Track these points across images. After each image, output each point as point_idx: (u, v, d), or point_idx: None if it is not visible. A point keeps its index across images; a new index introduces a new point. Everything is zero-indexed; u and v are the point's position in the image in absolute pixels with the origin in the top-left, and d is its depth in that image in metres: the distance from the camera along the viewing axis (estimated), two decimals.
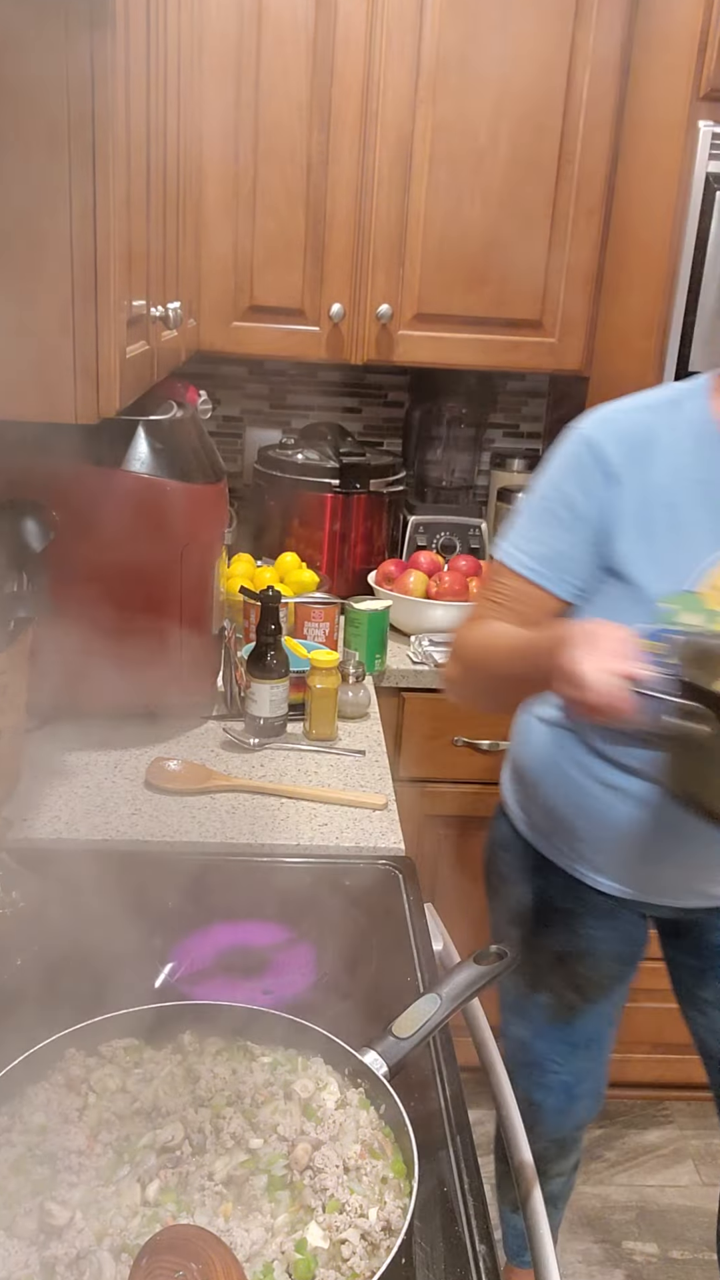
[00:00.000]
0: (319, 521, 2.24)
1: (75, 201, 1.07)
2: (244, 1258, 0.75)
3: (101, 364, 1.13)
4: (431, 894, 2.20)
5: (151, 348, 1.41)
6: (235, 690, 1.74)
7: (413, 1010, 0.95)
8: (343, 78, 2.02)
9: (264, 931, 1.23)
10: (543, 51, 2.02)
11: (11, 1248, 0.75)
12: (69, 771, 1.57)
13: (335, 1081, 0.91)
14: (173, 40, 1.51)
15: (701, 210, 1.80)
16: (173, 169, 1.58)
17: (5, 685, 1.37)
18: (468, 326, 2.19)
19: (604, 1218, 2.12)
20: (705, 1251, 2.06)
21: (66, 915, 1.20)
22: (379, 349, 2.18)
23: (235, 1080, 0.91)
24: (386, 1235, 0.78)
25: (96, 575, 1.55)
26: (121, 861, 1.34)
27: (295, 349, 2.18)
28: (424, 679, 2.06)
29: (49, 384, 1.13)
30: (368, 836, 1.45)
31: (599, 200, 2.12)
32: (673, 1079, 2.34)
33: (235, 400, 2.57)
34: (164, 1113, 0.87)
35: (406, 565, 2.21)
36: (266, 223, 2.10)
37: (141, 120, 1.26)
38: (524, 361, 2.22)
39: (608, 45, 2.02)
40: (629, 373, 2.01)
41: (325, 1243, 0.76)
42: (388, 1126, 0.87)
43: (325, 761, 1.65)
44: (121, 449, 1.52)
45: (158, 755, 1.62)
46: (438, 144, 2.06)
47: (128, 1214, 0.78)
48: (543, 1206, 0.95)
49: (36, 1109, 0.87)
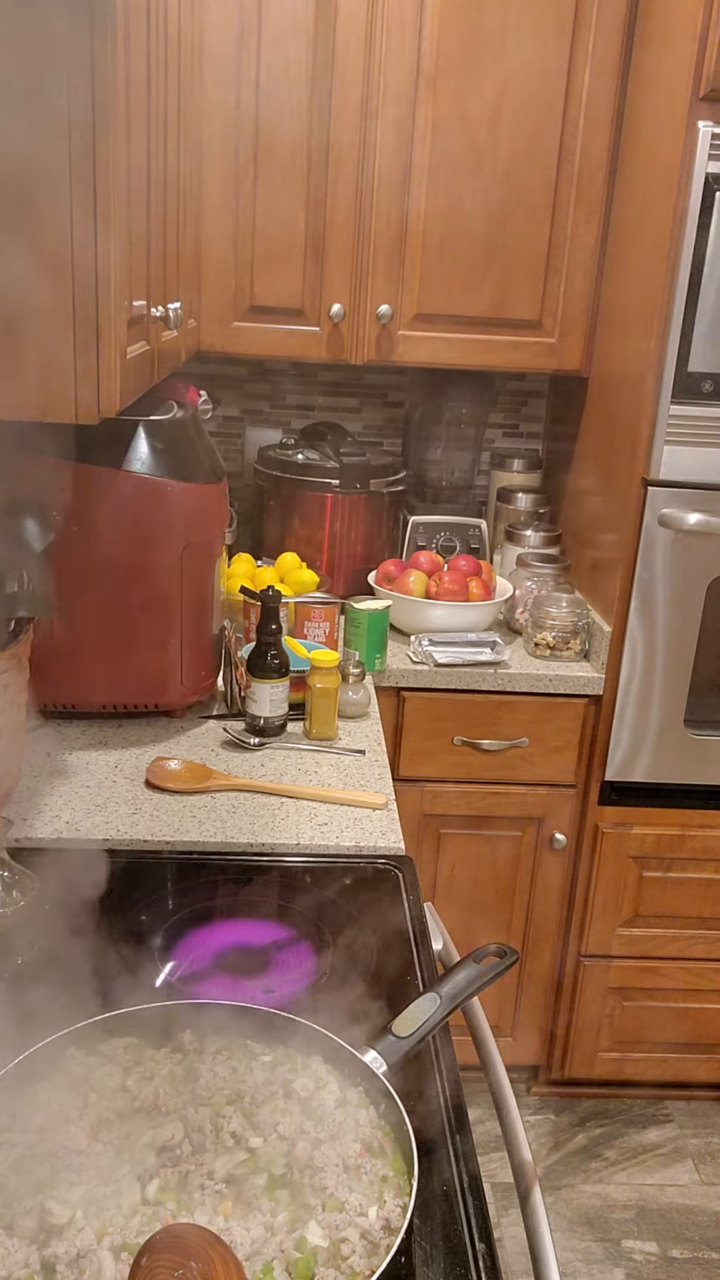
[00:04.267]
0: (319, 521, 2.24)
1: (76, 201, 1.07)
2: (244, 1256, 0.75)
3: (101, 364, 1.13)
4: (431, 894, 2.21)
5: (151, 348, 1.41)
6: (235, 690, 1.74)
7: (413, 1009, 0.95)
8: (343, 78, 2.02)
9: (264, 931, 1.24)
10: (543, 51, 2.02)
11: (12, 1246, 0.75)
12: (69, 771, 1.57)
13: (335, 1080, 0.91)
14: (173, 40, 1.51)
15: (701, 210, 1.80)
16: (173, 169, 1.58)
17: (5, 685, 1.37)
18: (468, 327, 2.19)
19: (604, 1217, 2.13)
20: (705, 1250, 2.06)
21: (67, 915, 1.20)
22: (379, 349, 2.18)
23: (235, 1079, 0.91)
24: (386, 1234, 0.78)
25: (96, 575, 1.55)
26: (121, 861, 1.35)
27: (295, 349, 2.19)
28: (424, 679, 2.06)
29: (49, 384, 1.14)
30: (368, 836, 1.45)
31: (599, 200, 2.12)
32: (673, 1079, 2.35)
33: (235, 400, 2.58)
34: (164, 1112, 0.88)
35: (406, 565, 2.21)
36: (266, 223, 2.10)
37: (141, 120, 1.26)
38: (524, 361, 2.22)
39: (608, 45, 2.02)
40: (629, 373, 2.01)
41: (325, 1241, 0.77)
42: (387, 1125, 0.88)
43: (325, 761, 1.65)
44: (121, 449, 1.52)
45: (158, 755, 1.62)
46: (438, 144, 2.06)
47: (128, 1213, 0.78)
48: (542, 1206, 0.95)
49: (37, 1108, 0.87)
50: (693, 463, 1.93)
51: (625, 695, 2.07)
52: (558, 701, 2.10)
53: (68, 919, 1.20)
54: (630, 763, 2.11)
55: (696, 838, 2.16)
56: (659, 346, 1.89)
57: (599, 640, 2.10)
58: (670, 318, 1.86)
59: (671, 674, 2.05)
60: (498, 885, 2.22)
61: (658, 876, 2.19)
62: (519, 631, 2.24)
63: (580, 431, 2.30)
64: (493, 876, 2.21)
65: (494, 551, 2.46)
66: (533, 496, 2.45)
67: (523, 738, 2.12)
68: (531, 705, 2.10)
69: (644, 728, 2.09)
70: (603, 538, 2.13)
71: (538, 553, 2.33)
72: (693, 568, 1.99)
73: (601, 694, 2.09)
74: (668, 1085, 2.39)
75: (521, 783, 2.16)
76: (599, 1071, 2.33)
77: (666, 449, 1.92)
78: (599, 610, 2.14)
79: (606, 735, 2.10)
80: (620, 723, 2.09)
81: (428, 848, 2.18)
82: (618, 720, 2.08)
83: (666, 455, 1.92)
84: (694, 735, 2.10)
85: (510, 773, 2.14)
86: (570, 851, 2.22)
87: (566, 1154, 2.27)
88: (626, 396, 2.02)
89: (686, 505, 1.95)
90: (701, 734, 2.10)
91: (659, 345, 1.89)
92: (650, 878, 2.19)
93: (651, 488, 1.95)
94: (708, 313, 1.85)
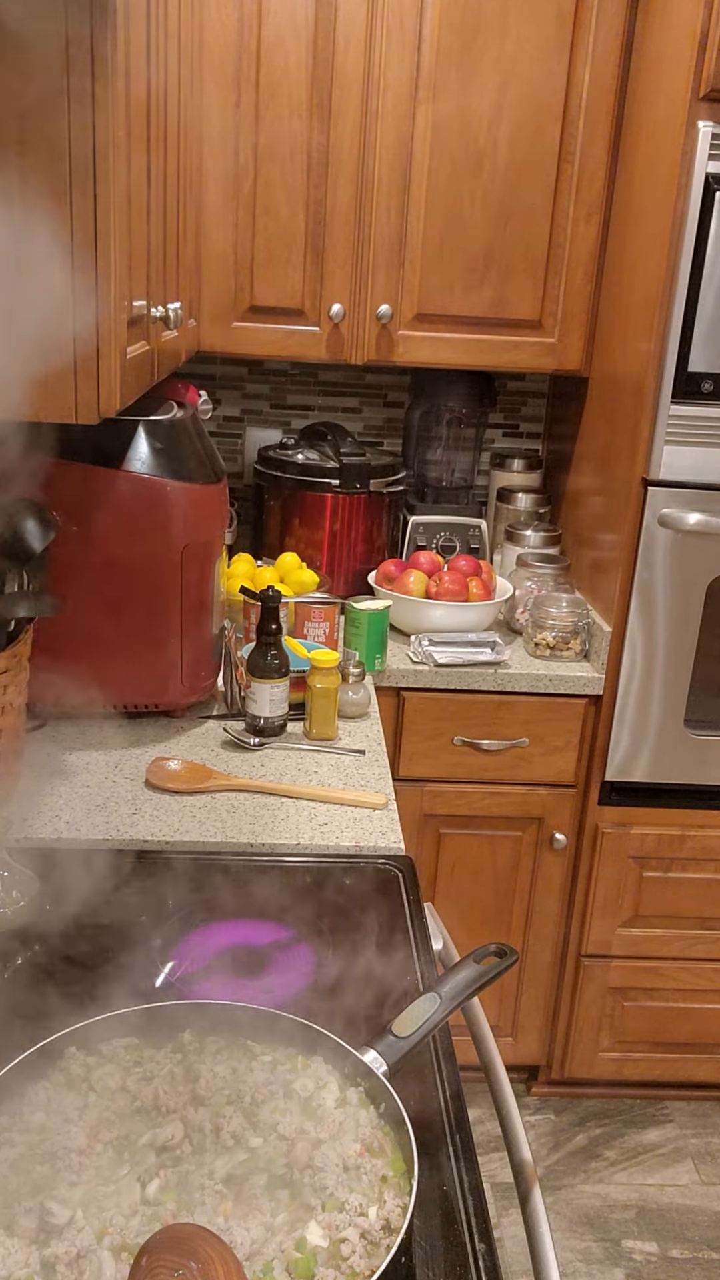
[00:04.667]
0: (319, 521, 2.24)
1: (76, 201, 1.07)
2: (244, 1256, 0.75)
3: (102, 364, 1.13)
4: (431, 894, 2.21)
5: (152, 348, 1.41)
6: (235, 690, 1.74)
7: (413, 1009, 0.95)
8: (343, 78, 2.02)
9: (264, 931, 1.23)
10: (542, 51, 2.02)
11: (11, 1246, 0.75)
12: (69, 771, 1.57)
13: (335, 1080, 0.91)
14: (173, 40, 1.51)
15: (701, 210, 1.80)
16: (173, 169, 1.58)
17: (5, 685, 1.37)
18: (468, 326, 2.19)
19: (604, 1217, 2.13)
20: (705, 1251, 2.06)
21: (66, 915, 1.20)
22: (379, 349, 2.18)
23: (235, 1079, 0.91)
24: (386, 1234, 0.78)
25: (96, 575, 1.55)
26: (121, 861, 1.35)
27: (295, 349, 2.19)
28: (424, 679, 2.06)
29: (49, 384, 1.14)
30: (368, 836, 1.45)
31: (599, 200, 2.12)
32: (673, 1078, 2.35)
33: (235, 400, 2.58)
34: (164, 1111, 0.88)
35: (406, 565, 2.21)
36: (266, 223, 2.10)
37: (141, 120, 1.27)
38: (524, 361, 2.22)
39: (608, 45, 2.03)
40: (629, 373, 2.01)
41: (325, 1241, 0.77)
42: (387, 1125, 0.87)
43: (325, 761, 1.65)
44: (121, 449, 1.52)
45: (158, 755, 1.62)
46: (438, 144, 2.06)
47: (128, 1212, 0.78)
48: (542, 1206, 0.95)
49: (37, 1108, 0.87)
50: (693, 463, 1.93)
51: (625, 695, 2.07)
52: (558, 701, 2.10)
53: (67, 919, 1.20)
54: (630, 763, 2.11)
55: (696, 838, 2.16)
56: (659, 346, 1.89)
57: (599, 640, 2.10)
58: (670, 318, 1.86)
59: (671, 674, 2.05)
60: (498, 885, 2.22)
61: (658, 876, 2.19)
62: (519, 631, 2.24)
63: (580, 431, 2.30)
64: (493, 876, 2.21)
65: (494, 551, 2.46)
66: (533, 496, 2.46)
67: (523, 738, 2.12)
68: (531, 705, 2.10)
69: (644, 728, 2.09)
70: (603, 538, 2.14)
71: (538, 553, 2.33)
72: (693, 568, 1.99)
73: (601, 694, 2.09)
74: (668, 1085, 2.39)
75: (521, 783, 2.16)
76: (599, 1071, 2.33)
77: (666, 449, 1.92)
78: (599, 610, 2.14)
79: (606, 735, 2.10)
80: (620, 723, 2.09)
81: (428, 848, 2.18)
82: (618, 720, 2.09)
83: (666, 455, 1.92)
84: (694, 735, 2.10)
85: (510, 773, 2.14)
86: (570, 851, 2.22)
87: (566, 1154, 2.27)
88: (626, 396, 2.02)
89: (686, 505, 1.95)
90: (701, 734, 2.10)
91: (659, 345, 1.89)
92: (650, 878, 2.19)
93: (651, 488, 1.95)
94: (708, 313, 1.85)
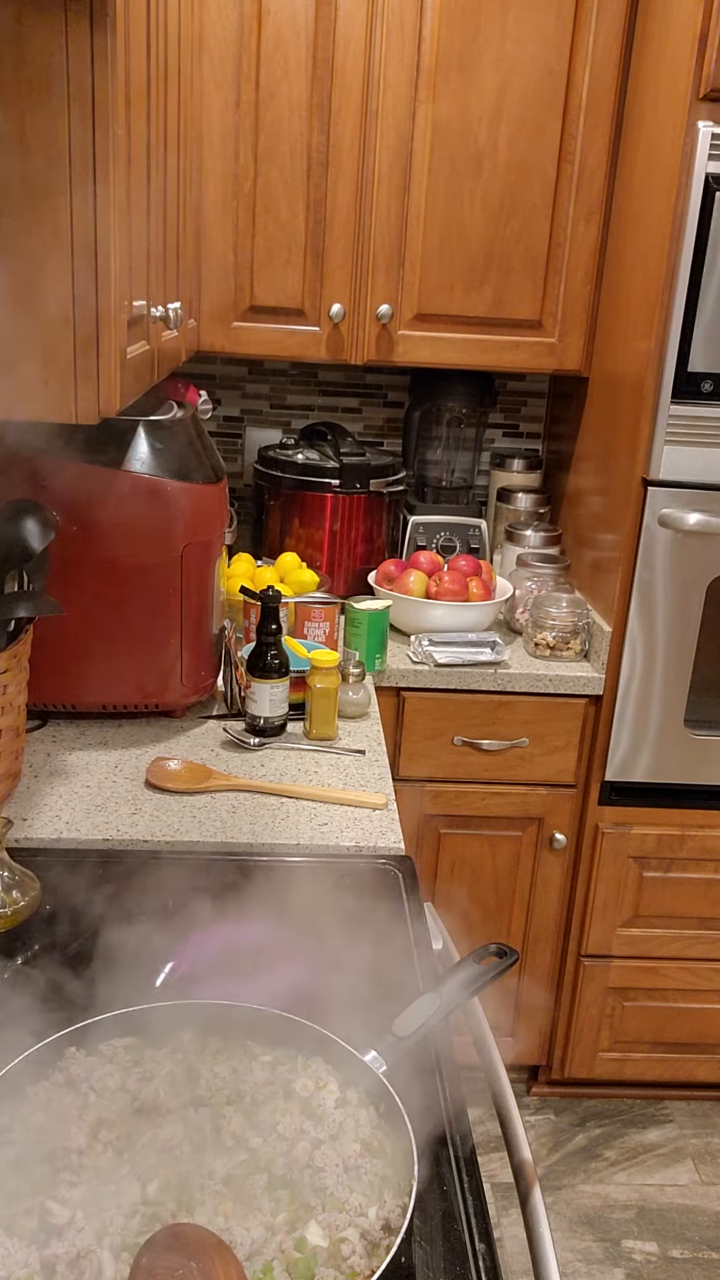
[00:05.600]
0: (319, 521, 2.24)
1: (76, 201, 1.07)
2: (244, 1256, 0.75)
3: (102, 364, 1.13)
4: (431, 894, 2.21)
5: (151, 348, 1.41)
6: (235, 690, 1.74)
7: (413, 1010, 0.95)
8: (343, 78, 2.02)
9: (264, 931, 1.23)
10: (543, 51, 2.02)
11: (11, 1246, 0.75)
12: (69, 771, 1.57)
13: (335, 1080, 0.91)
14: (173, 40, 1.51)
15: (701, 210, 1.80)
16: (173, 169, 1.58)
17: (5, 685, 1.37)
18: (468, 327, 2.19)
19: (604, 1217, 2.13)
20: (705, 1251, 2.06)
21: (66, 915, 1.20)
22: (379, 349, 2.18)
23: (235, 1079, 0.91)
24: (386, 1234, 0.78)
25: (96, 575, 1.55)
26: (121, 861, 1.35)
27: (295, 349, 2.19)
28: (424, 679, 2.06)
29: (49, 384, 1.14)
30: (368, 836, 1.45)
31: (599, 200, 2.12)
32: (673, 1078, 2.35)
33: (235, 400, 2.58)
34: (164, 1112, 0.88)
35: (406, 565, 2.21)
36: (266, 222, 2.10)
37: (142, 120, 1.27)
38: (524, 361, 2.22)
39: (608, 45, 2.02)
40: (629, 373, 2.01)
41: (325, 1241, 0.76)
42: (387, 1125, 0.87)
43: (325, 761, 1.65)
44: (121, 449, 1.52)
45: (158, 755, 1.62)
46: (438, 144, 2.06)
47: (128, 1213, 0.78)
48: (542, 1206, 0.95)
49: (37, 1108, 0.87)
50: (693, 463, 1.93)
51: (625, 695, 2.07)
52: (558, 701, 2.10)
53: (68, 919, 1.20)
54: (630, 763, 2.11)
55: (696, 838, 2.16)
56: (659, 346, 1.89)
57: (599, 640, 2.10)
58: (670, 318, 1.86)
59: (671, 674, 2.05)
60: (498, 885, 2.22)
61: (658, 876, 2.19)
62: (519, 631, 2.24)
63: (580, 431, 2.30)
64: (493, 876, 2.21)
65: (494, 551, 2.46)
66: (533, 496, 2.45)
67: (523, 738, 2.12)
68: (531, 705, 2.10)
69: (644, 728, 2.09)
70: (603, 538, 2.13)
71: (538, 553, 2.33)
72: (693, 568, 1.99)
73: (601, 694, 2.09)
74: (668, 1085, 2.39)
75: (521, 783, 2.16)
76: (599, 1071, 2.33)
77: (666, 449, 1.92)
78: (599, 610, 2.14)
79: (606, 735, 2.10)
80: (620, 723, 2.09)
81: (428, 848, 2.18)
82: (618, 720, 2.09)
83: (666, 455, 1.92)
84: (694, 735, 2.10)
85: (510, 773, 2.14)
86: (570, 851, 2.22)
87: (566, 1154, 2.27)
88: (626, 396, 2.02)
89: (686, 505, 1.95)
90: (701, 734, 2.10)
91: (659, 345, 1.89)
92: (650, 878, 2.19)
93: (651, 488, 1.95)
94: (708, 313, 1.85)
